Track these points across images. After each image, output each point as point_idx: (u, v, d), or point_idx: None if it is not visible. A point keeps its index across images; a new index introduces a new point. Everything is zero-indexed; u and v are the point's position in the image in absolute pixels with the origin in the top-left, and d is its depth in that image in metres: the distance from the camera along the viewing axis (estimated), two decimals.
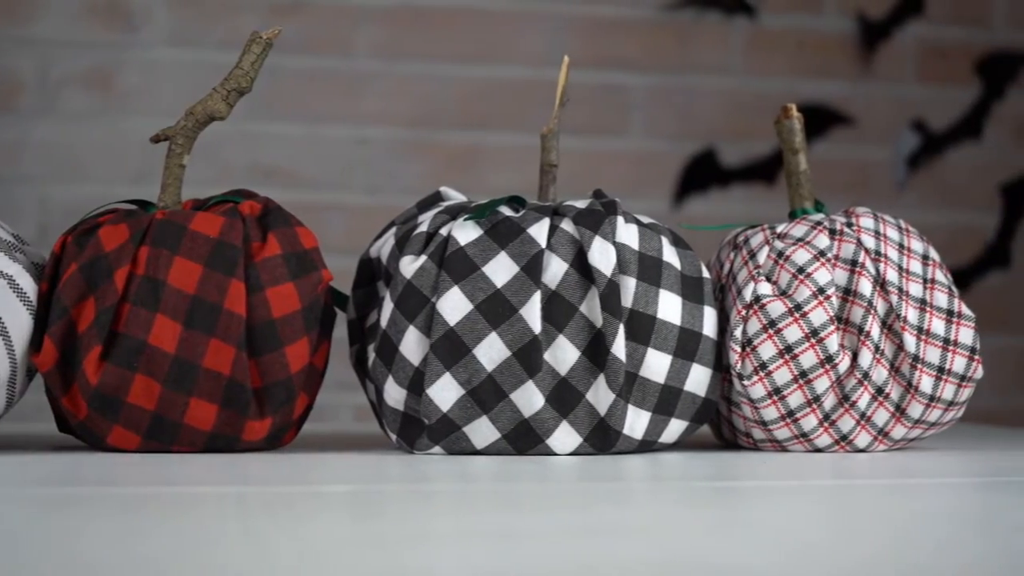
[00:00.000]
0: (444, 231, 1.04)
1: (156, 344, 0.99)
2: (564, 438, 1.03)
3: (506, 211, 1.06)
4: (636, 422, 1.04)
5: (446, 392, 1.01)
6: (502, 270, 1.02)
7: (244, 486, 0.88)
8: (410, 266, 1.03)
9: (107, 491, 0.84)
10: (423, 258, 1.03)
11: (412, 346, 1.02)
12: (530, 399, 1.01)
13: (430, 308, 1.02)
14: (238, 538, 0.67)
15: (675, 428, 1.07)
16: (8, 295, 1.01)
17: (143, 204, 1.08)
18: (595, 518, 0.75)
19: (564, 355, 1.01)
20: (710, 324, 1.07)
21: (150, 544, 0.64)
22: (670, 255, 1.06)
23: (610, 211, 1.05)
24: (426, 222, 1.05)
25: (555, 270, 1.02)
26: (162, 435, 1.01)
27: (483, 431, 1.02)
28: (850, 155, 2.15)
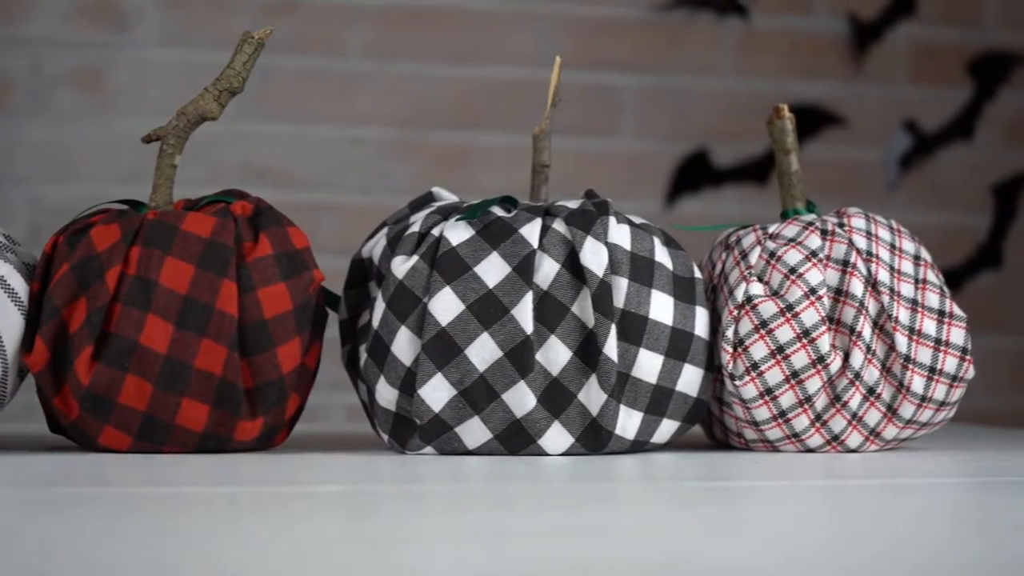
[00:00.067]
0: (436, 231, 1.04)
1: (148, 344, 0.99)
2: (556, 438, 1.03)
3: (498, 211, 1.06)
4: (628, 422, 1.04)
5: (438, 392, 1.01)
6: (494, 270, 1.02)
7: (236, 486, 0.88)
8: (402, 266, 1.03)
9: (98, 491, 0.84)
10: (415, 258, 1.03)
11: (404, 346, 1.02)
12: (522, 399, 1.01)
13: (422, 308, 1.02)
14: (230, 538, 0.67)
15: (667, 428, 1.07)
16: None
17: (134, 204, 1.08)
18: (587, 518, 0.75)
19: (556, 355, 1.01)
20: (702, 324, 1.07)
21: (142, 545, 0.64)
22: (662, 255, 1.06)
23: (602, 211, 1.05)
24: (418, 222, 1.05)
25: (547, 270, 1.02)
26: (154, 435, 1.01)
27: (475, 431, 1.02)
28: (842, 156, 2.15)
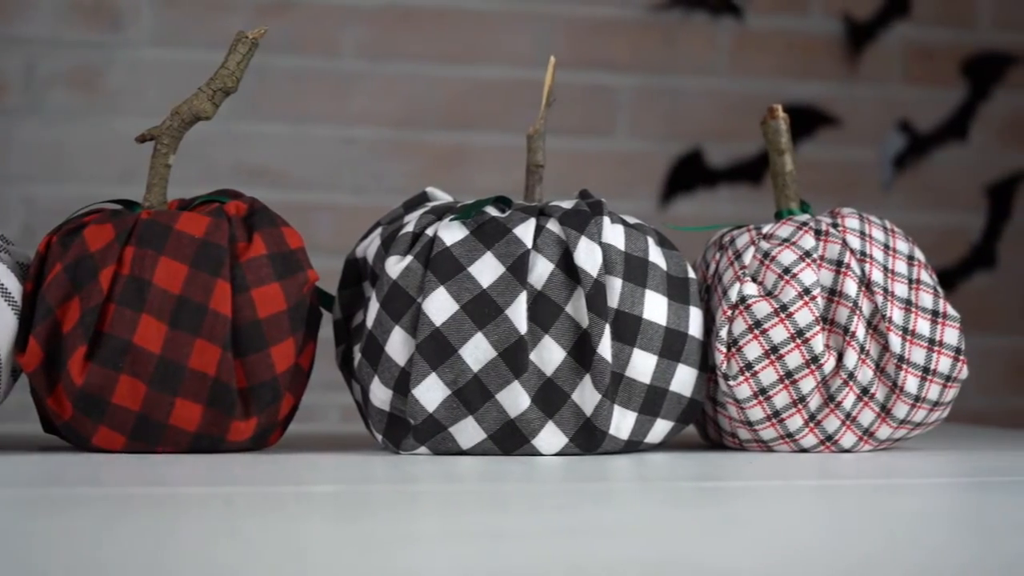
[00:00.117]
0: (430, 231, 1.04)
1: (141, 344, 0.99)
2: (550, 438, 1.03)
3: (492, 211, 1.06)
4: (622, 422, 1.04)
5: (432, 392, 1.01)
6: (488, 270, 1.02)
7: (229, 487, 0.88)
8: (396, 266, 1.03)
9: (92, 492, 0.84)
10: (409, 258, 1.03)
11: (398, 346, 1.02)
12: (516, 399, 1.01)
13: (416, 308, 1.02)
14: (224, 539, 0.67)
15: (661, 428, 1.07)
16: None
17: (128, 204, 1.08)
18: (581, 518, 0.75)
19: (550, 355, 1.01)
20: (696, 324, 1.07)
21: (136, 545, 0.64)
22: (656, 255, 1.06)
23: (596, 211, 1.05)
24: (412, 222, 1.05)
25: (541, 270, 1.02)
26: (147, 435, 1.01)
27: (469, 431, 1.02)
28: (836, 156, 2.15)
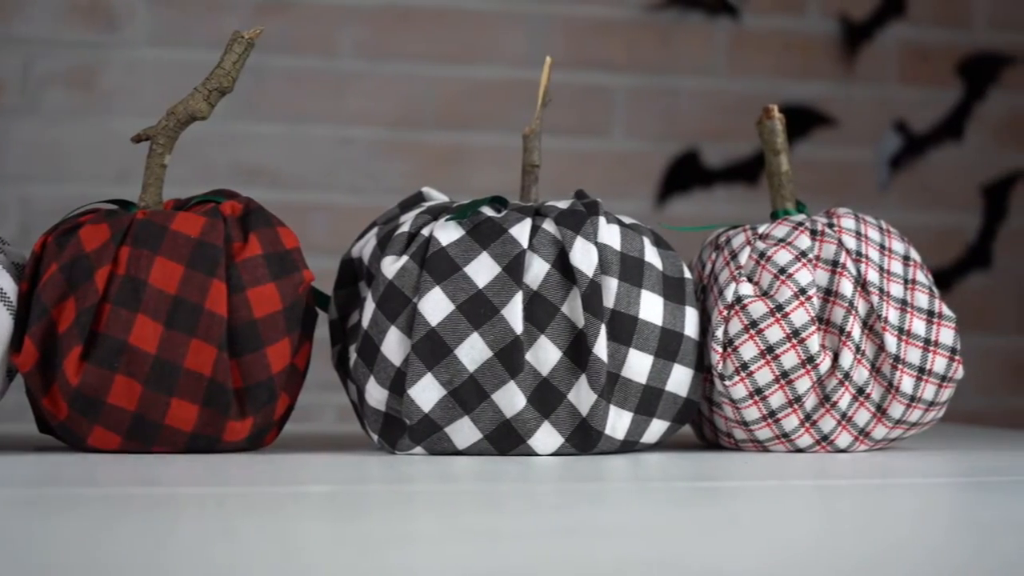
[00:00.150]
0: (426, 231, 1.04)
1: (137, 344, 0.99)
2: (546, 438, 1.03)
3: (488, 211, 1.06)
4: (618, 422, 1.04)
5: (428, 392, 1.01)
6: (484, 270, 1.02)
7: (225, 487, 0.87)
8: (392, 266, 1.03)
9: (88, 492, 0.84)
10: (405, 258, 1.03)
11: (394, 346, 1.02)
12: (512, 399, 1.01)
13: (412, 308, 1.02)
14: (219, 539, 0.67)
15: (657, 428, 1.07)
16: None
17: (124, 204, 1.08)
18: (577, 518, 0.75)
19: (546, 355, 1.01)
20: (692, 324, 1.07)
21: (131, 545, 0.64)
22: (652, 256, 1.06)
23: (592, 211, 1.05)
24: (408, 222, 1.05)
25: (537, 270, 1.02)
26: (143, 435, 1.01)
27: (465, 431, 1.02)
28: (832, 156, 2.15)
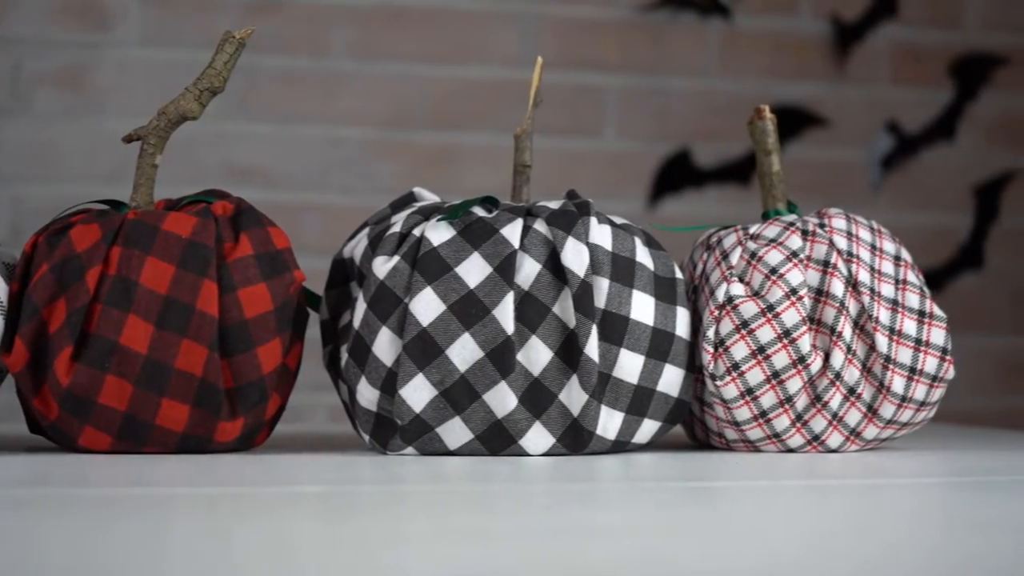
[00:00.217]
0: (417, 231, 1.04)
1: (128, 345, 0.99)
2: (537, 439, 1.03)
3: (479, 212, 1.06)
4: (609, 422, 1.04)
5: (419, 393, 1.01)
6: (475, 271, 1.02)
7: (216, 487, 0.87)
8: (383, 266, 1.02)
9: (78, 492, 0.84)
10: (396, 258, 1.02)
11: (385, 347, 1.02)
12: (503, 400, 1.01)
13: (403, 309, 1.02)
14: (210, 539, 0.66)
15: (648, 428, 1.07)
16: None
17: (115, 204, 1.07)
18: (568, 519, 0.75)
19: (537, 356, 1.01)
20: (683, 325, 1.07)
21: (122, 546, 0.64)
22: (643, 256, 1.06)
23: (583, 212, 1.05)
24: (399, 222, 1.05)
25: (528, 271, 1.02)
26: (134, 436, 1.01)
27: (456, 432, 1.02)
28: (824, 156, 2.16)
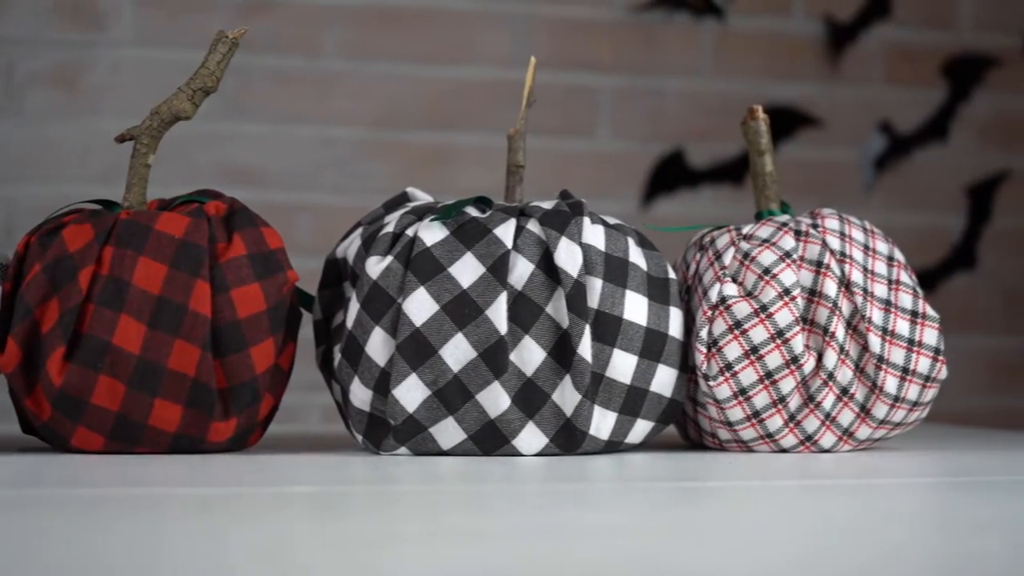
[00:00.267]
0: (410, 232, 1.04)
1: (120, 345, 0.99)
2: (530, 439, 1.03)
3: (472, 212, 1.06)
4: (602, 422, 1.04)
5: (412, 393, 1.01)
6: (468, 271, 1.02)
7: (209, 487, 0.87)
8: (376, 266, 1.02)
9: (71, 492, 0.84)
10: (389, 258, 1.02)
11: (378, 347, 1.02)
12: (496, 400, 1.01)
13: (396, 309, 1.01)
14: (203, 539, 0.66)
15: (641, 429, 1.07)
16: None
17: (108, 204, 1.07)
18: (561, 519, 0.75)
19: (530, 356, 1.01)
20: (676, 325, 1.07)
21: (114, 546, 0.64)
22: (636, 256, 1.06)
23: (576, 212, 1.05)
24: (392, 223, 1.05)
25: (521, 271, 1.02)
26: (126, 436, 1.01)
27: (449, 432, 1.02)
28: (817, 157, 2.16)
